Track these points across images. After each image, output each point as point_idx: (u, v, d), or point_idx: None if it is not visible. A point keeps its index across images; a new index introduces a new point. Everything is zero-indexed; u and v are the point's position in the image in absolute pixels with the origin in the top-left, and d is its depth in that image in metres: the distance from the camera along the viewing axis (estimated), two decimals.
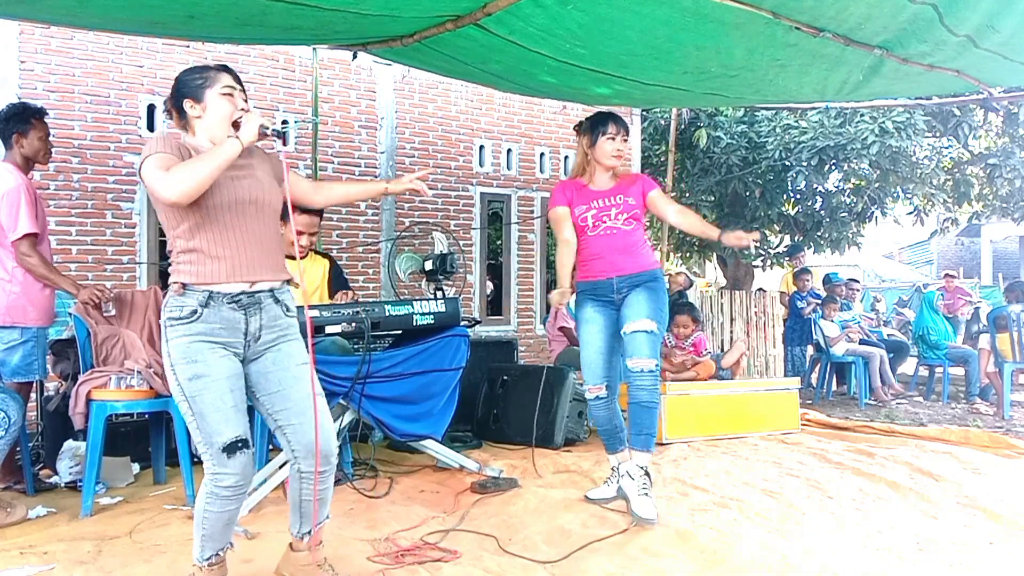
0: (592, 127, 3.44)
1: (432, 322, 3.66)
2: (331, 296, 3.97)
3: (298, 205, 2.55)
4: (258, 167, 2.35)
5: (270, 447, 3.90)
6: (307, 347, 2.38)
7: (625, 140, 3.45)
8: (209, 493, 2.18)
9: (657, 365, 3.25)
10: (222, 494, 2.16)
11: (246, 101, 2.34)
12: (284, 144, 2.28)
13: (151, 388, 3.49)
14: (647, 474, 3.27)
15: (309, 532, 2.45)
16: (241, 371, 2.26)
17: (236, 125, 2.25)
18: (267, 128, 2.22)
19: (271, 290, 2.31)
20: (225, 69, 2.32)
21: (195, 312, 2.17)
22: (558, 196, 3.50)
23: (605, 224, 3.39)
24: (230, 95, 2.28)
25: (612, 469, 3.54)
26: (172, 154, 2.16)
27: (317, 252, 4.14)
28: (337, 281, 4.06)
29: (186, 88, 2.28)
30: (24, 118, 3.64)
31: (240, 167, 2.26)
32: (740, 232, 3.32)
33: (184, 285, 2.18)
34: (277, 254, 2.34)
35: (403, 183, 2.68)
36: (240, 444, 2.15)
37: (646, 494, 3.20)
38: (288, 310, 2.35)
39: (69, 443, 3.88)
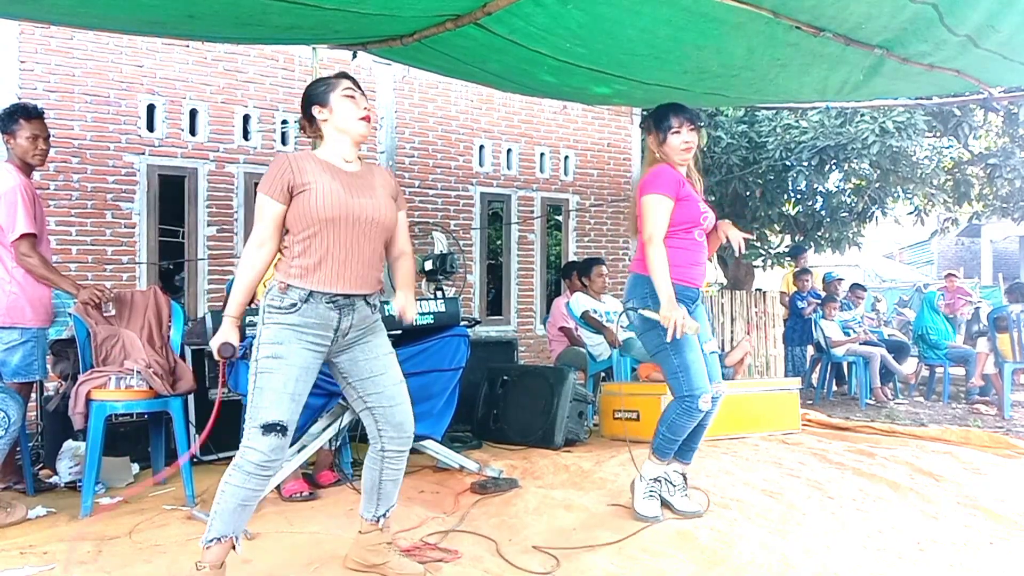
0: (657, 123, 3.19)
1: (432, 322, 3.66)
2: None
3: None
4: (379, 186, 2.46)
5: None
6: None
7: (692, 130, 3.15)
8: (234, 465, 2.27)
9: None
10: (245, 467, 2.25)
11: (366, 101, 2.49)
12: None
13: (150, 388, 3.49)
14: (684, 477, 3.39)
15: (385, 514, 2.59)
16: (317, 366, 2.37)
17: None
18: (225, 353, 2.34)
19: (365, 296, 2.45)
20: (345, 76, 2.49)
21: (294, 305, 2.32)
22: (668, 182, 3.11)
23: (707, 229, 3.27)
24: (351, 97, 2.43)
25: (672, 482, 3.31)
26: (276, 197, 2.32)
27: None
28: None
29: (313, 96, 2.45)
30: (13, 118, 3.63)
31: (360, 185, 2.40)
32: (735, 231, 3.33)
33: (288, 286, 2.33)
34: (377, 270, 2.50)
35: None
36: (279, 428, 2.26)
37: (687, 495, 3.35)
38: (376, 309, 2.52)
39: (69, 443, 3.89)
